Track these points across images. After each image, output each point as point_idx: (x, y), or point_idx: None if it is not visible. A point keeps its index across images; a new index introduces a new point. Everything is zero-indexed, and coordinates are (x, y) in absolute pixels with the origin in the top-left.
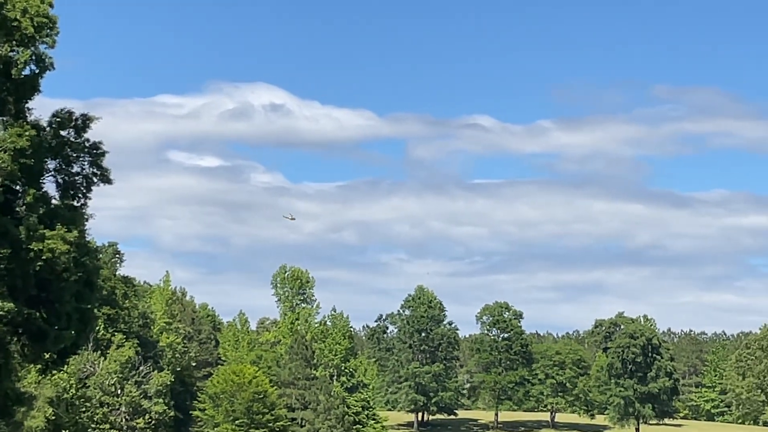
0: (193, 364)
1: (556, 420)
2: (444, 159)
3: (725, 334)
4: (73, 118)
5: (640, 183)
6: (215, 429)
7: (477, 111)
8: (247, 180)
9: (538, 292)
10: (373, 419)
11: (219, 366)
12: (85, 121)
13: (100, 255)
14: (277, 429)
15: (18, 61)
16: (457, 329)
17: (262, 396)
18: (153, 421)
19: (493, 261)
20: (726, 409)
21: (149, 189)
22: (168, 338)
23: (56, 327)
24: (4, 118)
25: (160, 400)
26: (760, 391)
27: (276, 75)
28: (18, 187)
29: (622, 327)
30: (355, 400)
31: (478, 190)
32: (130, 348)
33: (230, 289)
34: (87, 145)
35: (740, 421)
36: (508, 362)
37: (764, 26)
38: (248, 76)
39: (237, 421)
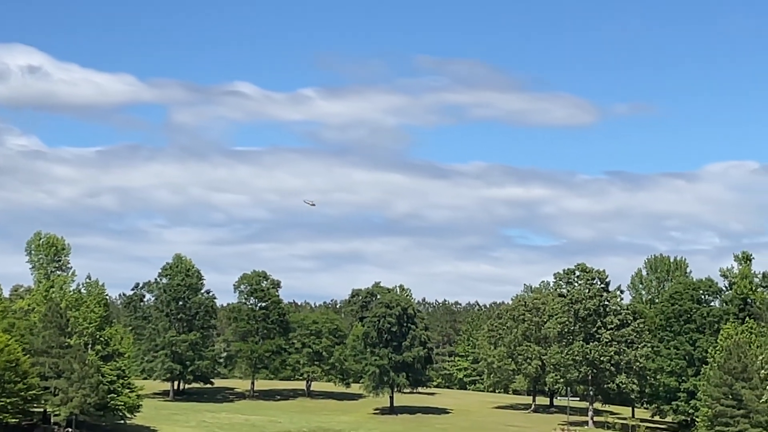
0: None
1: (312, 389)
2: (206, 125)
3: (479, 303)
4: None
5: (401, 153)
6: None
7: (239, 78)
8: (3, 143)
9: (298, 261)
10: (128, 388)
11: None
12: None
13: None
14: (29, 398)
15: None
16: (215, 298)
17: (14, 365)
18: None
19: (254, 229)
20: (478, 377)
21: None
22: None
23: None
24: None
25: None
26: (510, 360)
27: (34, 36)
28: None
29: (378, 296)
30: (110, 369)
31: (239, 157)
32: None
33: None
34: None
35: (491, 389)
36: (266, 331)
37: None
38: (5, 37)
39: None
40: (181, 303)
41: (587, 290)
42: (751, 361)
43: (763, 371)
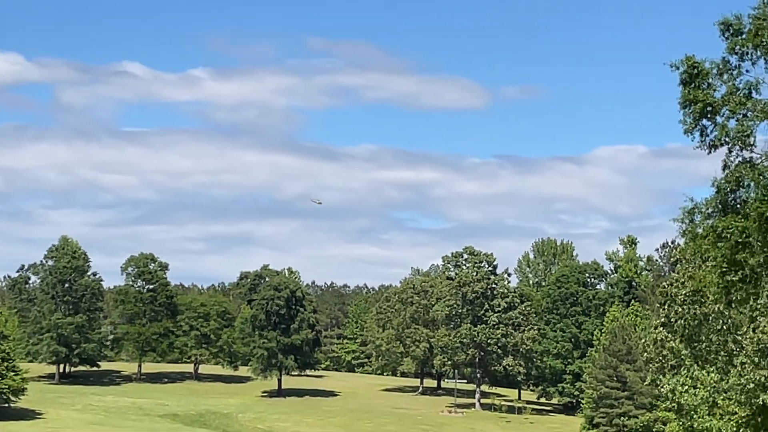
0: None
1: (199, 371)
2: (94, 106)
3: (367, 286)
4: None
5: (292, 134)
6: None
7: (127, 58)
8: None
9: (187, 243)
10: (13, 371)
11: None
12: None
13: None
14: None
15: None
16: (102, 280)
17: None
18: None
19: (142, 211)
20: (366, 360)
21: None
22: None
23: None
24: None
25: None
26: (398, 342)
27: None
28: None
29: (266, 279)
30: None
31: (128, 138)
32: None
33: None
34: None
35: (380, 371)
36: (153, 314)
37: None
38: None
39: None
40: (67, 285)
41: (475, 273)
42: (635, 343)
43: (646, 353)
